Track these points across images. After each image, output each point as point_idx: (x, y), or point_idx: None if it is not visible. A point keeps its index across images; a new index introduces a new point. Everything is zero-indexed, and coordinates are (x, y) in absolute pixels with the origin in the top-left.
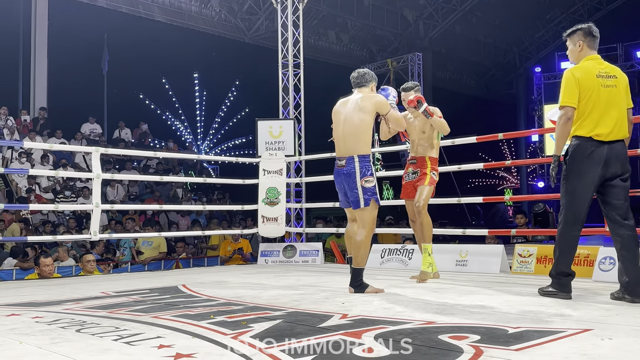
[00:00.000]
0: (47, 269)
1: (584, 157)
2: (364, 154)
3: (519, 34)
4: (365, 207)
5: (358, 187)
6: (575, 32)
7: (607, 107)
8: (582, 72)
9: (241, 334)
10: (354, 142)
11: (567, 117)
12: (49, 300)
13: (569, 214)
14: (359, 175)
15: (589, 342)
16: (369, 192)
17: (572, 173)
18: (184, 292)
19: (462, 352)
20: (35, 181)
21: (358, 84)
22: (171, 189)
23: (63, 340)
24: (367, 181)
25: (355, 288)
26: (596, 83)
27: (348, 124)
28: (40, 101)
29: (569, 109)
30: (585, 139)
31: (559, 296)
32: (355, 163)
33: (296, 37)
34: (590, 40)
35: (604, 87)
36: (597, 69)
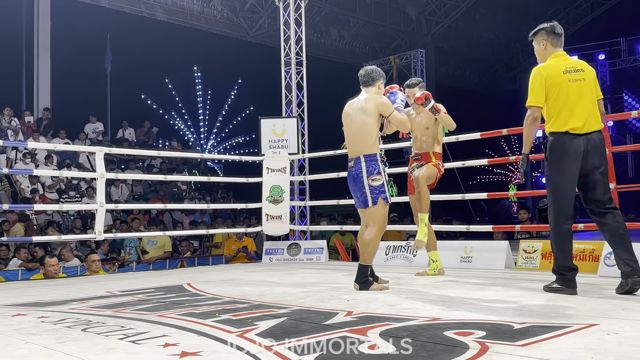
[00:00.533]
0: (53, 269)
1: (562, 152)
2: (370, 154)
3: (521, 30)
4: (374, 205)
5: (365, 186)
6: (539, 32)
7: (577, 101)
8: (549, 71)
9: (246, 332)
10: (359, 143)
11: (533, 117)
12: (55, 300)
13: (557, 209)
14: (366, 174)
15: (595, 337)
16: (376, 190)
17: (553, 169)
18: (189, 291)
19: (467, 348)
20: (39, 181)
21: (365, 82)
22: (175, 187)
23: (69, 340)
24: (374, 180)
25: (361, 285)
26: (563, 79)
27: (354, 125)
28: (44, 102)
29: (535, 108)
30: (561, 133)
31: (565, 292)
32: (361, 163)
33: (298, 35)
34: (553, 38)
35: (571, 81)
36: (564, 65)
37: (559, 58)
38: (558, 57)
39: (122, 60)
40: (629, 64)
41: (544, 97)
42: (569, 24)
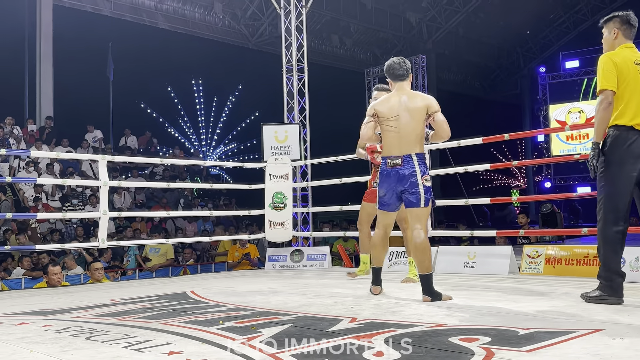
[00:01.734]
0: (56, 278)
1: (625, 148)
2: (421, 153)
3: (522, 35)
4: (425, 206)
5: (420, 185)
6: (612, 20)
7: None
8: (620, 58)
9: (251, 339)
10: (412, 142)
11: (608, 101)
12: (58, 309)
13: (609, 208)
14: (420, 173)
15: (601, 343)
16: (428, 191)
17: (613, 163)
18: (192, 298)
19: (473, 354)
20: (43, 190)
21: (400, 76)
22: (178, 195)
23: (73, 348)
24: (427, 180)
25: (434, 296)
26: (634, 70)
27: (404, 123)
28: (47, 110)
29: (609, 92)
30: (626, 128)
31: (609, 301)
32: (414, 161)
33: (300, 42)
34: (626, 28)
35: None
36: (635, 57)
37: (630, 49)
38: (629, 47)
39: (124, 69)
40: None
41: (616, 81)
42: (569, 28)
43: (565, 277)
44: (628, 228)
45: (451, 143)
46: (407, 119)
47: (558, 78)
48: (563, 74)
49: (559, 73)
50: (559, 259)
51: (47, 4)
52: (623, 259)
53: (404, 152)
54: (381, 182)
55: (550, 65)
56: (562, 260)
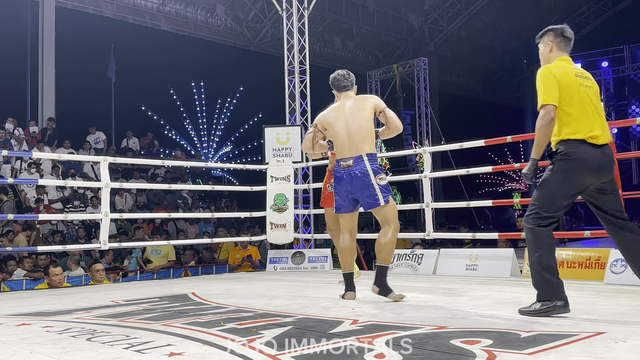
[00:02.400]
0: (57, 279)
1: (577, 162)
2: (372, 153)
3: (524, 37)
4: (386, 204)
5: (374, 185)
6: (546, 33)
7: (592, 108)
8: (560, 71)
9: (252, 340)
10: (361, 142)
11: (550, 117)
12: (59, 310)
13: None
14: (372, 173)
15: (603, 345)
16: (385, 189)
17: (559, 173)
18: (193, 300)
19: (475, 357)
20: (45, 191)
21: (344, 87)
22: (179, 197)
23: (74, 349)
24: (381, 179)
25: (381, 287)
26: (576, 82)
27: (353, 125)
28: (48, 112)
29: (551, 107)
30: (579, 142)
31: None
32: (365, 162)
33: (302, 44)
34: (561, 41)
35: (583, 87)
36: (574, 69)
37: (567, 62)
38: (565, 60)
39: (126, 70)
40: (632, 71)
41: (558, 96)
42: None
43: (567, 280)
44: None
45: (453, 145)
46: (355, 121)
47: None
48: None
49: None
50: (561, 262)
51: (50, 5)
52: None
53: (355, 153)
54: (336, 185)
55: None
56: (564, 263)
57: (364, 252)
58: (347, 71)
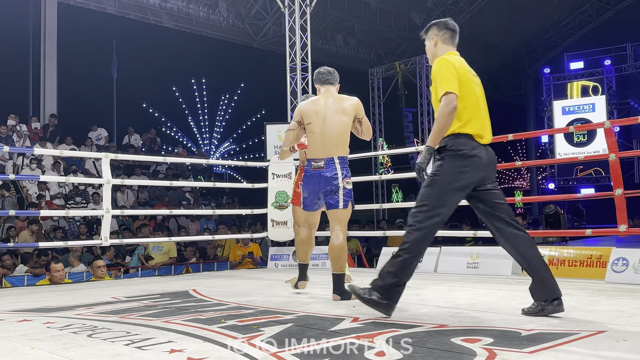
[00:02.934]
0: (58, 275)
1: (468, 158)
2: (344, 156)
3: (527, 36)
4: (344, 208)
5: (340, 187)
6: (430, 28)
7: (482, 106)
8: (458, 63)
9: (252, 337)
10: (335, 144)
11: (453, 105)
12: (61, 306)
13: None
14: (341, 176)
15: (604, 344)
16: (348, 193)
17: (451, 172)
18: (194, 297)
19: (475, 355)
20: (46, 187)
21: (327, 80)
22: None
23: (75, 346)
24: (347, 183)
25: (342, 295)
26: (470, 77)
27: (329, 125)
28: (50, 108)
29: (454, 96)
30: (469, 137)
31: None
32: (336, 165)
33: (304, 41)
34: (445, 34)
35: (476, 84)
36: (467, 65)
37: (458, 56)
38: (455, 54)
39: (128, 67)
40: (634, 69)
41: (458, 85)
42: (574, 29)
43: (568, 278)
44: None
45: None
46: (331, 123)
47: (562, 79)
48: (567, 75)
49: (563, 74)
50: (562, 260)
51: (52, 2)
52: (626, 260)
53: (327, 155)
54: (305, 184)
55: (554, 66)
56: (566, 262)
57: (365, 249)
58: (333, 69)
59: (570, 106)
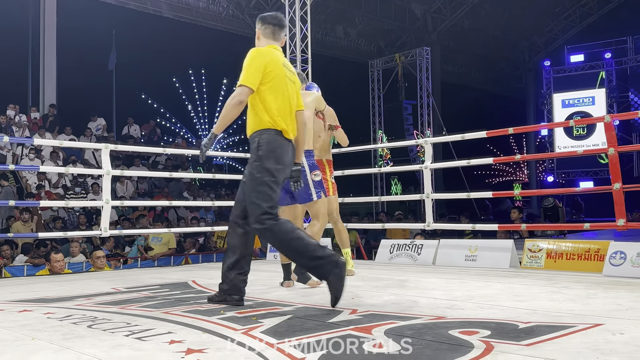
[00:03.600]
0: (58, 265)
1: (279, 152)
2: (309, 149)
3: (528, 28)
4: (318, 199)
5: (309, 181)
6: (257, 21)
7: (290, 102)
8: (271, 57)
9: (251, 329)
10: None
11: (241, 99)
12: (61, 296)
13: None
14: (308, 169)
15: (601, 337)
16: (318, 185)
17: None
18: (194, 288)
19: (472, 347)
20: (46, 178)
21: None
22: (181, 186)
23: (75, 336)
24: (315, 175)
25: (299, 275)
26: (283, 72)
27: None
28: (50, 98)
29: (248, 90)
30: (278, 133)
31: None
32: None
33: (304, 33)
34: (266, 28)
35: (288, 79)
36: (283, 60)
37: (277, 50)
38: (274, 48)
39: (127, 57)
40: (635, 62)
41: (259, 82)
42: (575, 22)
43: (566, 271)
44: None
45: (455, 137)
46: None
47: (562, 72)
48: (567, 68)
49: (564, 67)
50: (560, 253)
51: None
52: (624, 254)
53: None
54: None
55: (555, 59)
56: (564, 255)
57: (364, 242)
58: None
59: (570, 99)
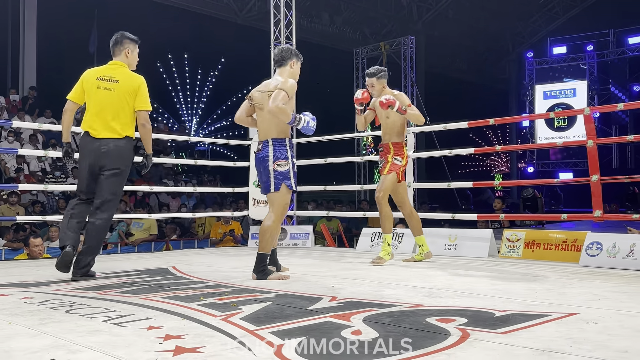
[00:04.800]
0: (37, 250)
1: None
2: (278, 138)
3: (512, 19)
4: (275, 191)
5: (270, 171)
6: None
7: (102, 107)
8: (87, 74)
9: (231, 315)
10: (270, 126)
11: (65, 108)
12: (39, 281)
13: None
14: (272, 159)
15: (575, 326)
16: (280, 176)
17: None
18: (174, 274)
19: (449, 335)
20: (25, 161)
21: (277, 62)
22: (162, 171)
23: (52, 321)
24: (279, 165)
25: (258, 274)
26: (94, 85)
27: (265, 108)
28: (30, 80)
29: (69, 102)
30: (85, 133)
31: None
32: (269, 147)
33: (289, 19)
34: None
35: (102, 89)
36: (101, 73)
37: (106, 66)
38: (107, 65)
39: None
40: (616, 55)
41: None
42: (558, 14)
43: (543, 261)
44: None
45: (437, 126)
46: (265, 104)
47: (545, 63)
48: (550, 60)
49: (546, 58)
50: (538, 243)
51: None
52: (600, 244)
53: (263, 137)
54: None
55: (538, 50)
56: (541, 245)
57: (344, 227)
58: (288, 46)
59: (551, 91)
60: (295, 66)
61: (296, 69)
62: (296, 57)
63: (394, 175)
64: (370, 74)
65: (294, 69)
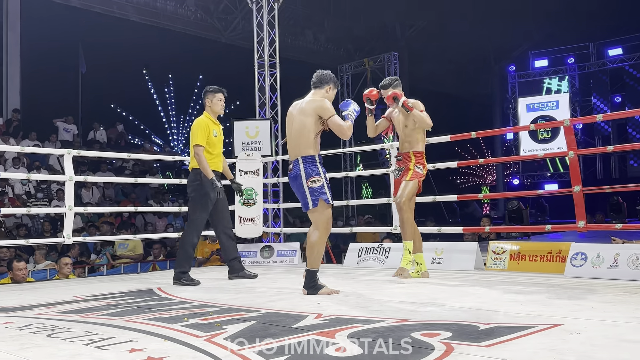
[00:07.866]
0: (21, 273)
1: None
2: (308, 155)
3: (494, 34)
4: (314, 207)
5: (305, 188)
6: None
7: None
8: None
9: (214, 336)
10: (297, 145)
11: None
12: (21, 305)
13: None
14: (304, 176)
15: (558, 338)
16: (315, 192)
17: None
18: (158, 295)
19: (433, 349)
20: (8, 184)
21: (314, 84)
22: (148, 191)
23: (33, 346)
24: (313, 181)
25: (309, 289)
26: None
27: (294, 126)
28: (13, 103)
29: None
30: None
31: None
32: (300, 165)
33: (272, 37)
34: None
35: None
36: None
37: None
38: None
39: (93, 61)
40: (597, 67)
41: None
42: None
43: (529, 272)
44: None
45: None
46: (296, 124)
47: (527, 77)
48: (532, 73)
49: (528, 72)
50: (523, 255)
51: None
52: (585, 255)
53: (293, 156)
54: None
55: (519, 64)
56: (527, 257)
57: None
58: (329, 72)
59: (534, 103)
60: (331, 92)
61: (331, 94)
62: (334, 83)
63: (416, 182)
64: (385, 85)
65: (329, 94)
